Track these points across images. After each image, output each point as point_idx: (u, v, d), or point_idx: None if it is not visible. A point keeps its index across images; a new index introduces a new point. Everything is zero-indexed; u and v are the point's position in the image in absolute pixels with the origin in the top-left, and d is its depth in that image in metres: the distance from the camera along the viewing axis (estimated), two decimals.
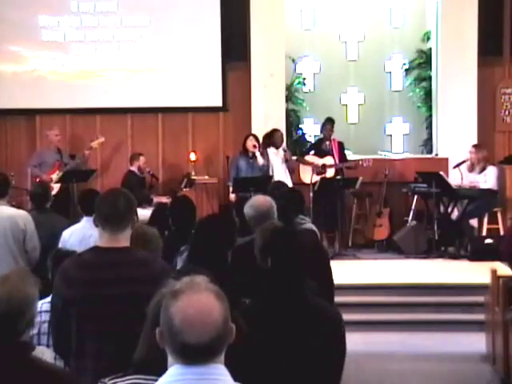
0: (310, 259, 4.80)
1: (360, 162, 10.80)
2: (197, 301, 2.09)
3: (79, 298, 3.48)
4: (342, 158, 11.00)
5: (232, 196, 10.64)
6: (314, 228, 5.96)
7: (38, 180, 10.36)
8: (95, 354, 3.46)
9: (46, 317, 4.16)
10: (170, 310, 2.10)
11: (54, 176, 10.61)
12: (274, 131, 10.89)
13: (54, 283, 3.73)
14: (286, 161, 10.72)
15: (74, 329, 3.51)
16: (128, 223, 3.60)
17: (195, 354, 2.08)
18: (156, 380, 2.55)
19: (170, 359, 2.14)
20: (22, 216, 6.31)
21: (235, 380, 2.16)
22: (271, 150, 10.79)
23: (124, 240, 3.60)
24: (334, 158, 10.91)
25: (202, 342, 2.06)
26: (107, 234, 3.57)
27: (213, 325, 2.07)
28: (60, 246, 5.79)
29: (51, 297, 3.82)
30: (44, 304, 4.29)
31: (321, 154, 10.96)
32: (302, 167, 10.96)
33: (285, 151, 10.72)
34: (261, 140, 10.78)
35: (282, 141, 10.91)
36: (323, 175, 10.75)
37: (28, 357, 2.67)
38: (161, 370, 2.54)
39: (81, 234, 5.77)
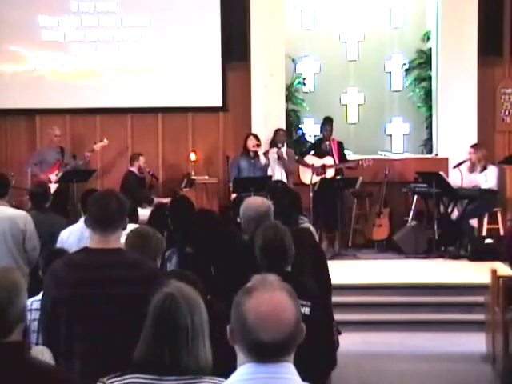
0: (307, 257, 4.84)
1: (360, 162, 10.80)
2: (270, 298, 2.08)
3: (68, 298, 3.48)
4: (342, 157, 11.00)
5: (234, 196, 10.65)
6: (311, 227, 5.97)
7: (35, 179, 10.36)
8: (83, 354, 3.46)
9: (35, 315, 4.17)
10: (243, 308, 2.08)
11: (53, 176, 10.60)
12: (277, 130, 10.91)
13: (44, 283, 3.73)
14: (279, 158, 10.69)
15: (62, 329, 3.50)
16: (119, 225, 3.60)
17: (268, 352, 2.07)
18: (154, 379, 2.54)
19: (240, 357, 2.12)
20: (21, 216, 6.31)
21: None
22: (273, 150, 10.79)
23: (114, 241, 3.60)
24: (333, 158, 10.91)
25: (276, 340, 2.05)
26: (98, 236, 3.58)
27: (286, 323, 2.07)
28: (58, 245, 5.79)
29: (41, 297, 3.82)
30: (34, 302, 4.29)
31: (320, 154, 10.96)
32: (301, 168, 10.95)
33: (278, 149, 10.69)
34: (269, 140, 10.85)
35: (284, 140, 10.89)
36: (323, 175, 10.75)
37: (25, 357, 2.65)
38: (159, 369, 2.54)
39: (79, 234, 5.76)
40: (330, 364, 4.16)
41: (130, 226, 4.00)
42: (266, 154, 10.80)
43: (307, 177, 10.71)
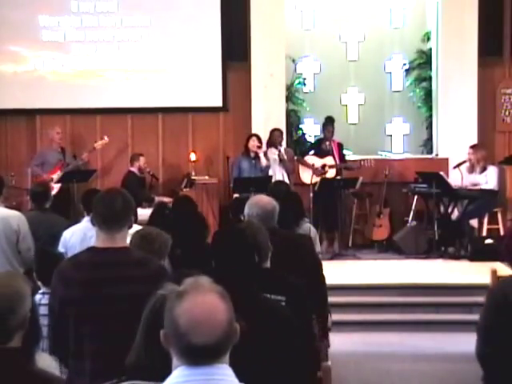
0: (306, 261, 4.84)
1: (362, 163, 10.81)
2: (202, 302, 2.09)
3: (76, 298, 3.48)
4: (342, 158, 11.01)
5: (235, 196, 10.65)
6: (313, 228, 5.96)
7: (38, 179, 10.36)
8: (93, 354, 3.46)
9: None
10: (175, 312, 2.08)
11: (55, 176, 10.61)
12: (273, 131, 10.89)
13: (51, 284, 3.73)
14: (280, 161, 10.70)
15: (71, 329, 3.50)
16: (125, 223, 3.59)
17: (202, 355, 2.07)
18: None
19: (174, 361, 2.12)
20: (15, 217, 6.26)
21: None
22: (271, 151, 10.79)
23: (121, 240, 3.59)
24: (334, 158, 10.91)
25: (209, 343, 2.05)
26: (104, 234, 3.57)
27: (219, 325, 2.07)
28: (61, 246, 5.80)
29: (48, 298, 3.82)
30: None
31: (321, 154, 10.96)
32: (301, 168, 10.95)
33: (279, 151, 10.70)
34: (265, 140, 10.83)
35: (281, 140, 10.88)
36: (323, 175, 10.74)
37: (23, 363, 2.60)
38: (153, 374, 2.50)
39: (82, 234, 5.76)
40: (311, 358, 4.08)
41: (134, 227, 3.99)
42: (265, 154, 10.79)
43: (307, 176, 10.71)
